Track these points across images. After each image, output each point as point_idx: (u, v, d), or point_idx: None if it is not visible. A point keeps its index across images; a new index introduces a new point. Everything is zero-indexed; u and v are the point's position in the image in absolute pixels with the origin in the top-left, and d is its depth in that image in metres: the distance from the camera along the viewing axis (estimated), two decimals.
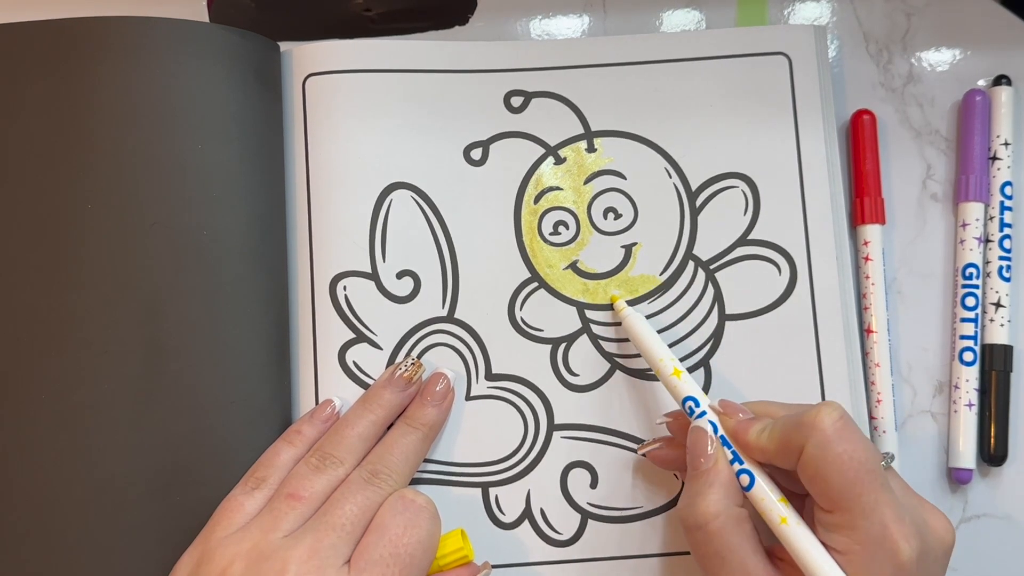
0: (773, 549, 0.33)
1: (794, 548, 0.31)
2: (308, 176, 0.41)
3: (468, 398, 0.40)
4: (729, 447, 0.34)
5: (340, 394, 0.39)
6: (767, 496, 0.32)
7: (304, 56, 0.42)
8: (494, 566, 0.38)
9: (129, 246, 0.37)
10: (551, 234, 0.41)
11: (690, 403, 0.35)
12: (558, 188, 0.41)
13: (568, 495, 0.39)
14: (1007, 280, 0.42)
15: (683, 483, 0.39)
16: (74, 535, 0.36)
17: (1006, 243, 0.42)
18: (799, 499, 0.33)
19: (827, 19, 0.45)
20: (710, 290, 0.41)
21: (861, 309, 0.42)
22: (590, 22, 0.45)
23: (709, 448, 0.34)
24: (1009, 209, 0.42)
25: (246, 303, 0.38)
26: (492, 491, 0.39)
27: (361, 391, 0.39)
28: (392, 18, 0.44)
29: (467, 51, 0.42)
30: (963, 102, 0.43)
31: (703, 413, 0.35)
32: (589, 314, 0.41)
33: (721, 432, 0.34)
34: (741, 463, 0.33)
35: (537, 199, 0.41)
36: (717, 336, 0.40)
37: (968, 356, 0.41)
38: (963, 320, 0.41)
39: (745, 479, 0.33)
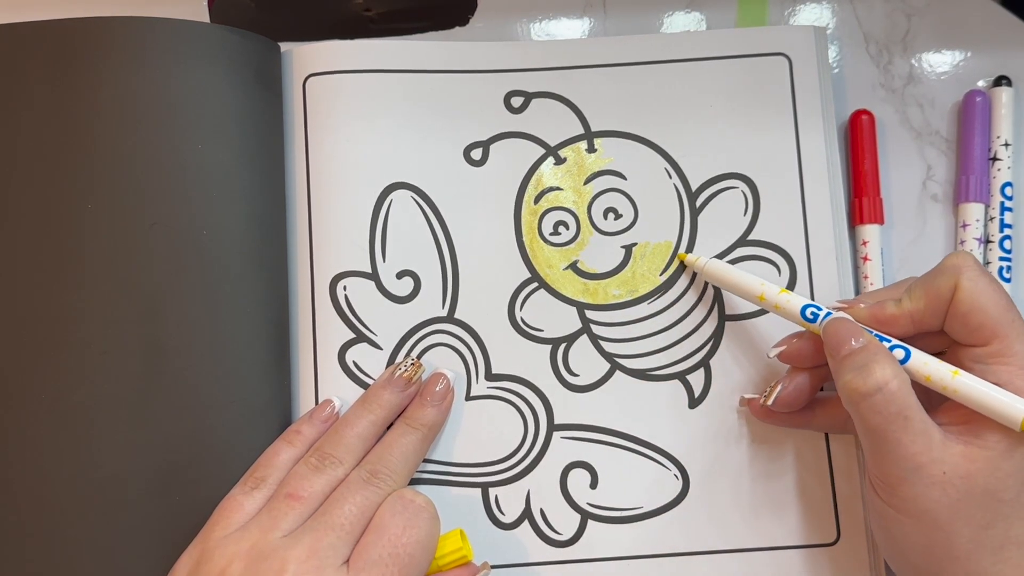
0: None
1: (973, 394, 0.32)
2: (308, 176, 0.41)
3: (468, 398, 0.40)
4: (870, 332, 0.34)
5: (340, 394, 0.39)
6: (929, 359, 0.33)
7: (304, 56, 0.42)
8: (493, 566, 0.38)
9: (129, 246, 0.37)
10: (551, 234, 0.41)
11: (811, 310, 0.36)
12: (558, 188, 0.41)
13: (568, 495, 0.39)
14: (1007, 280, 0.42)
15: (684, 482, 0.39)
16: (74, 534, 0.36)
17: (1006, 244, 0.42)
18: None
19: (827, 20, 0.45)
20: (710, 290, 0.41)
21: None
22: (590, 23, 0.45)
23: (854, 335, 0.33)
24: (1009, 210, 0.42)
25: (246, 303, 0.38)
26: (492, 491, 0.39)
27: (361, 391, 0.39)
28: (392, 18, 0.44)
29: (467, 51, 0.42)
30: (963, 103, 0.43)
31: (828, 313, 0.35)
32: (589, 314, 0.41)
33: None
34: (889, 341, 0.34)
35: (537, 199, 0.41)
36: (717, 336, 0.40)
37: None
38: None
39: (900, 352, 0.33)
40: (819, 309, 0.36)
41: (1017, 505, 0.31)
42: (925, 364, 0.33)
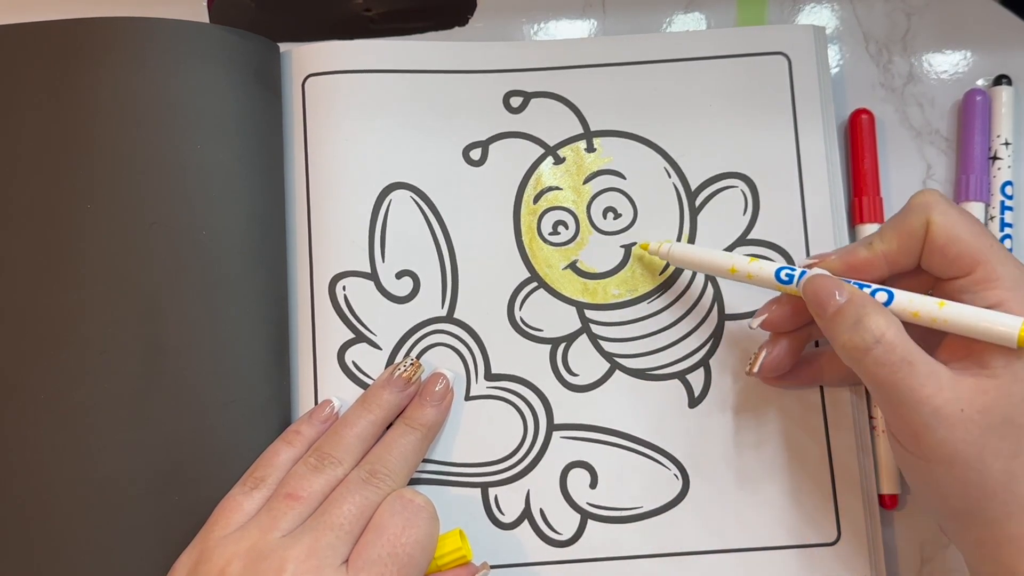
0: None
1: (963, 320, 0.32)
2: (308, 176, 0.41)
3: (467, 398, 0.40)
4: (847, 282, 0.34)
5: (339, 394, 0.39)
6: (914, 296, 0.33)
7: (304, 56, 0.42)
8: (493, 566, 0.38)
9: (129, 246, 0.38)
10: (550, 234, 0.41)
11: (785, 271, 0.36)
12: (557, 188, 0.41)
13: (568, 495, 0.39)
14: None
15: (684, 482, 0.39)
16: (73, 534, 0.36)
17: (1006, 243, 0.42)
18: None
19: (827, 19, 0.45)
20: (710, 290, 0.41)
21: None
22: (589, 22, 0.45)
23: (836, 289, 0.33)
24: (1009, 209, 0.42)
25: (245, 303, 0.38)
26: (491, 491, 0.39)
27: (360, 391, 0.39)
28: (392, 18, 0.44)
29: (466, 51, 0.42)
30: (963, 102, 0.43)
31: (803, 272, 0.35)
32: (589, 314, 0.41)
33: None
34: (868, 287, 0.34)
35: (536, 199, 0.41)
36: (717, 336, 0.40)
37: None
38: None
39: (883, 295, 0.33)
40: (792, 269, 0.35)
41: None
42: (910, 301, 0.33)
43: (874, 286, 0.34)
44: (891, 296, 0.33)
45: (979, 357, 0.32)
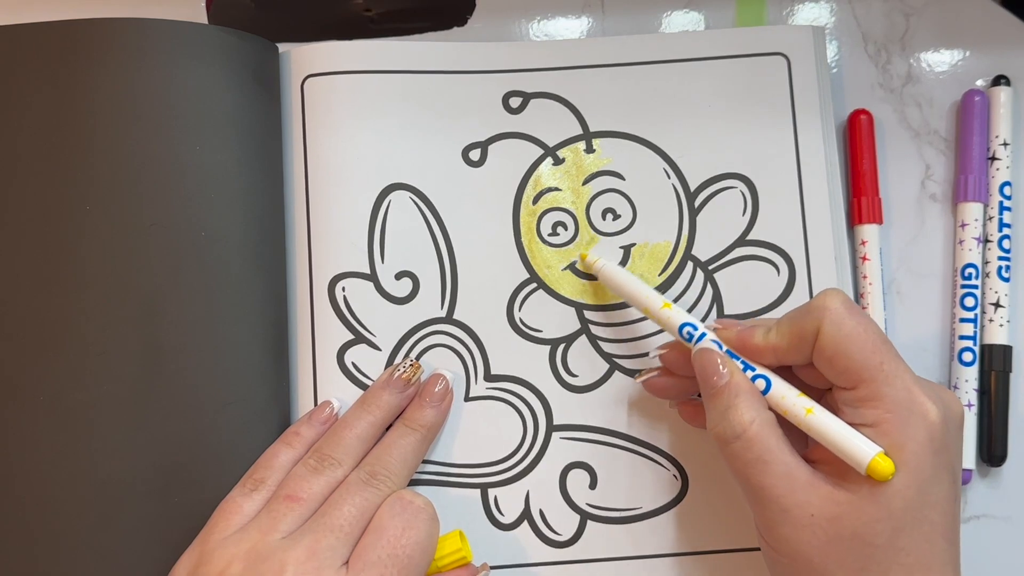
0: (804, 454, 0.33)
1: (824, 434, 0.31)
2: (307, 177, 0.41)
3: (467, 399, 0.40)
4: (737, 359, 0.34)
5: (339, 395, 0.39)
6: (788, 392, 0.33)
7: (303, 57, 0.42)
8: (493, 567, 0.38)
9: (128, 247, 0.37)
10: (550, 235, 0.41)
11: (688, 328, 0.35)
12: (557, 189, 0.41)
13: (567, 496, 0.39)
14: (1006, 280, 0.42)
15: (683, 482, 0.39)
16: (72, 535, 0.36)
17: (1005, 243, 0.42)
18: (815, 395, 0.33)
19: (826, 20, 0.45)
20: (709, 291, 0.41)
21: None
22: (588, 23, 0.45)
23: (720, 364, 0.33)
24: (1008, 209, 0.42)
25: (245, 304, 0.38)
26: (491, 492, 0.39)
27: (360, 392, 0.39)
28: (391, 18, 0.44)
29: (466, 52, 0.42)
30: (962, 102, 0.43)
31: (703, 335, 0.35)
32: (588, 315, 0.41)
33: (725, 348, 0.34)
34: (753, 370, 0.33)
35: (536, 200, 0.41)
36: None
37: (967, 356, 0.41)
38: (962, 320, 0.41)
39: (761, 383, 0.33)
40: (695, 329, 0.35)
41: (891, 550, 0.30)
42: (783, 398, 0.33)
43: (759, 370, 0.33)
44: (769, 386, 0.33)
45: (844, 467, 0.31)
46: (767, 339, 0.33)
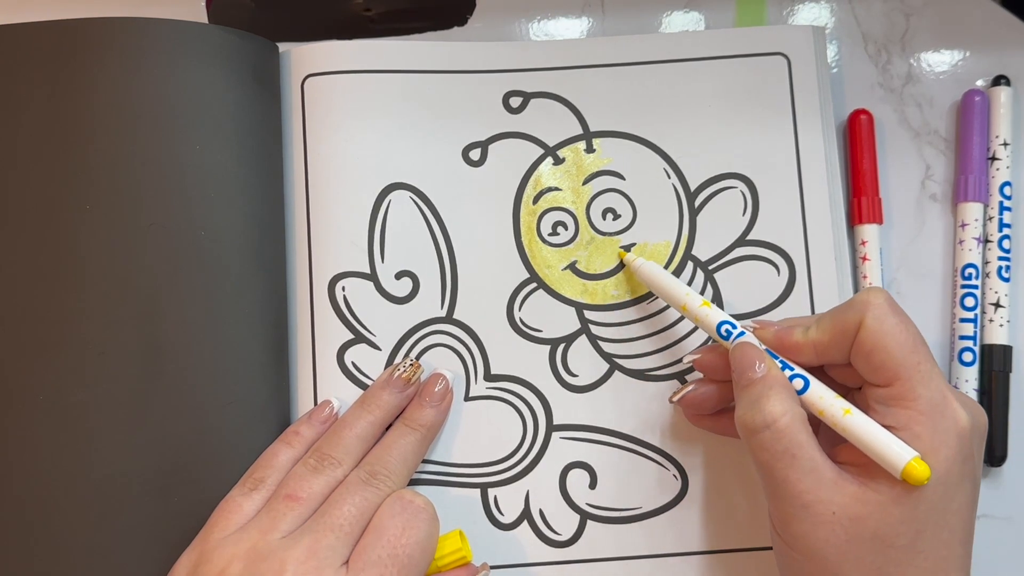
0: (830, 454, 0.33)
1: (861, 435, 0.31)
2: (307, 177, 0.41)
3: (467, 399, 0.40)
4: (776, 358, 0.34)
5: (339, 395, 0.39)
6: (825, 393, 0.33)
7: (303, 57, 0.42)
8: (493, 567, 0.38)
9: (127, 247, 0.37)
10: (550, 234, 0.41)
11: (726, 327, 0.35)
12: (557, 189, 0.41)
13: (567, 496, 0.39)
14: (1006, 280, 0.42)
15: (683, 482, 0.39)
16: (72, 535, 0.36)
17: (1005, 243, 0.42)
18: (843, 395, 0.33)
19: (826, 20, 0.45)
20: (709, 291, 0.41)
21: None
22: (588, 22, 0.45)
23: (757, 360, 0.33)
24: (1008, 209, 0.42)
25: (244, 303, 0.38)
26: (491, 492, 0.39)
27: (360, 392, 0.39)
28: (391, 18, 0.44)
29: (466, 51, 0.42)
30: (962, 102, 0.43)
31: (742, 332, 0.35)
32: (588, 314, 0.41)
33: (763, 348, 0.34)
34: (791, 369, 0.33)
35: (536, 199, 0.41)
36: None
37: (967, 356, 0.41)
38: (962, 320, 0.41)
39: (799, 383, 0.33)
40: (733, 327, 0.35)
41: (911, 552, 0.30)
42: (820, 398, 0.33)
43: (797, 369, 0.33)
44: (807, 385, 0.33)
45: (872, 469, 0.31)
46: (807, 335, 0.34)
